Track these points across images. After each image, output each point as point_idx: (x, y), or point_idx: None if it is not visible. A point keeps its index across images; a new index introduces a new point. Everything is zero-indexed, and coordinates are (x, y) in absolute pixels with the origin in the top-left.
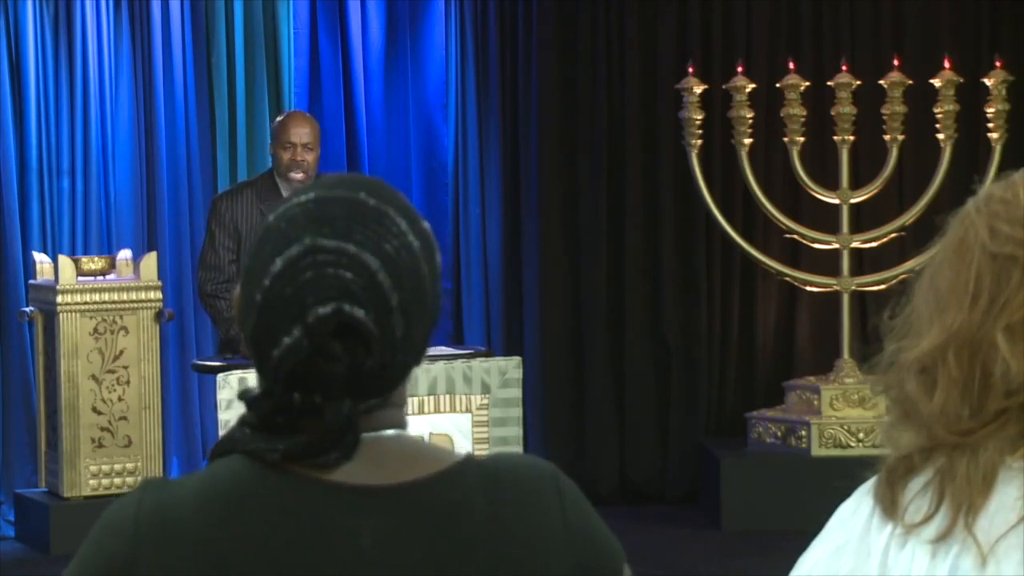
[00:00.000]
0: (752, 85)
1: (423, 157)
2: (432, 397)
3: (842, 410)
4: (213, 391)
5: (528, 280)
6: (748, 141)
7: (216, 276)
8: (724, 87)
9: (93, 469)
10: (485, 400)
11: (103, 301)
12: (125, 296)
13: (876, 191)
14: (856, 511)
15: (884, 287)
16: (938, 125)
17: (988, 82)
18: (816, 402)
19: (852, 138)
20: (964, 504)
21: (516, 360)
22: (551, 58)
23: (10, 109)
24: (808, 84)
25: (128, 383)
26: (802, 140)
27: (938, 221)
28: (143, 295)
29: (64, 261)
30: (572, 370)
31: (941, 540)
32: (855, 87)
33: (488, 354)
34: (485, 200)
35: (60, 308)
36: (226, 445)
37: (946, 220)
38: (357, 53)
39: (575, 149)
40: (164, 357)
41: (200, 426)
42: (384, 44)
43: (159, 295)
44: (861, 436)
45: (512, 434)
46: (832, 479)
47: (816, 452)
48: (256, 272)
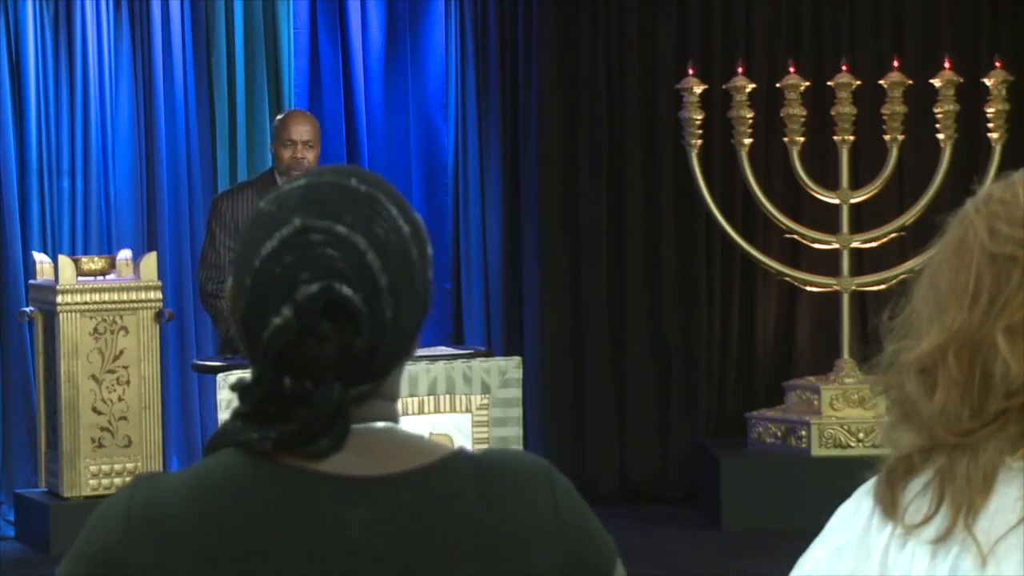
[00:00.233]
0: (752, 85)
1: (423, 157)
2: (432, 397)
3: (842, 410)
4: (213, 391)
5: (528, 280)
6: (748, 141)
7: (217, 276)
8: (724, 87)
9: (93, 469)
10: (485, 400)
11: (103, 301)
12: (125, 296)
13: (876, 191)
14: (856, 512)
15: (884, 287)
16: (938, 125)
17: (988, 82)
18: (816, 402)
19: (852, 138)
20: (964, 505)
21: (516, 360)
22: (551, 58)
23: (10, 109)
24: (808, 84)
25: (128, 383)
26: (802, 140)
27: (938, 221)
28: (143, 295)
29: (64, 261)
30: (572, 370)
31: (941, 540)
32: (855, 87)
33: (488, 354)
34: (485, 200)
35: (60, 308)
36: (220, 438)
37: (946, 220)
38: (357, 53)
39: (575, 149)
40: (164, 357)
41: (200, 426)
42: (384, 44)
43: (159, 295)
44: (861, 436)
45: (512, 434)
46: (832, 479)
47: (816, 452)
48: (246, 256)
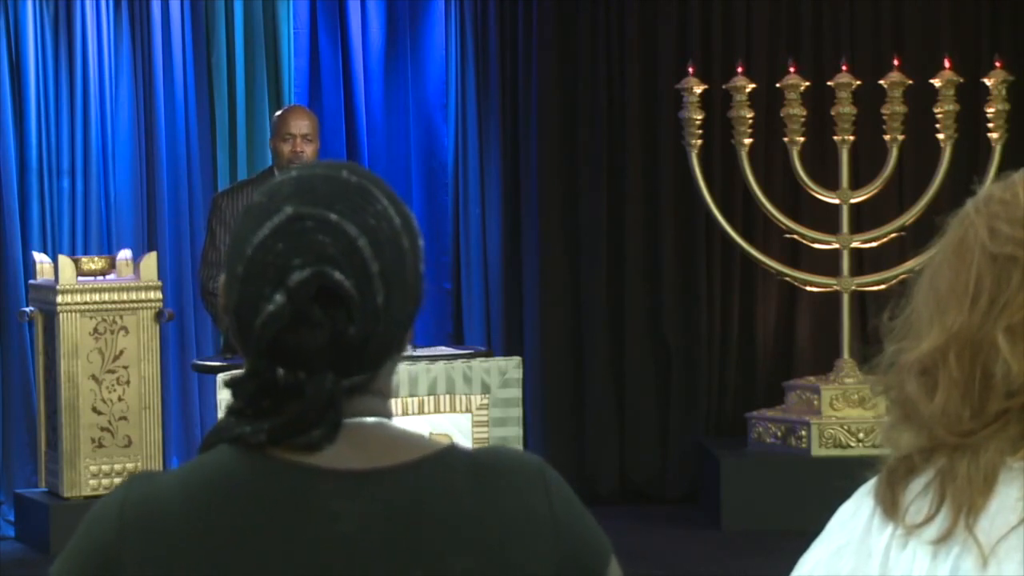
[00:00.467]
0: (752, 85)
1: (423, 157)
2: (432, 397)
3: (842, 410)
4: (213, 391)
5: (528, 280)
6: (748, 141)
7: (217, 274)
8: (724, 87)
9: (93, 469)
10: (485, 400)
11: (103, 301)
12: (125, 296)
13: (876, 191)
14: (857, 512)
15: (884, 287)
16: (938, 125)
17: (988, 82)
18: (816, 402)
19: (852, 138)
20: (965, 505)
21: (516, 360)
22: (551, 58)
23: (10, 109)
24: (808, 84)
25: (128, 383)
26: (802, 140)
27: (938, 221)
28: (143, 295)
29: (64, 261)
30: (572, 370)
31: (942, 541)
32: (855, 87)
33: (488, 354)
34: (485, 200)
35: (60, 308)
36: (214, 435)
37: (946, 220)
38: (357, 53)
39: (575, 149)
40: (164, 357)
41: (200, 426)
42: (384, 44)
43: (159, 295)
44: (861, 436)
45: (512, 434)
46: (832, 479)
47: (816, 452)
48: (239, 246)
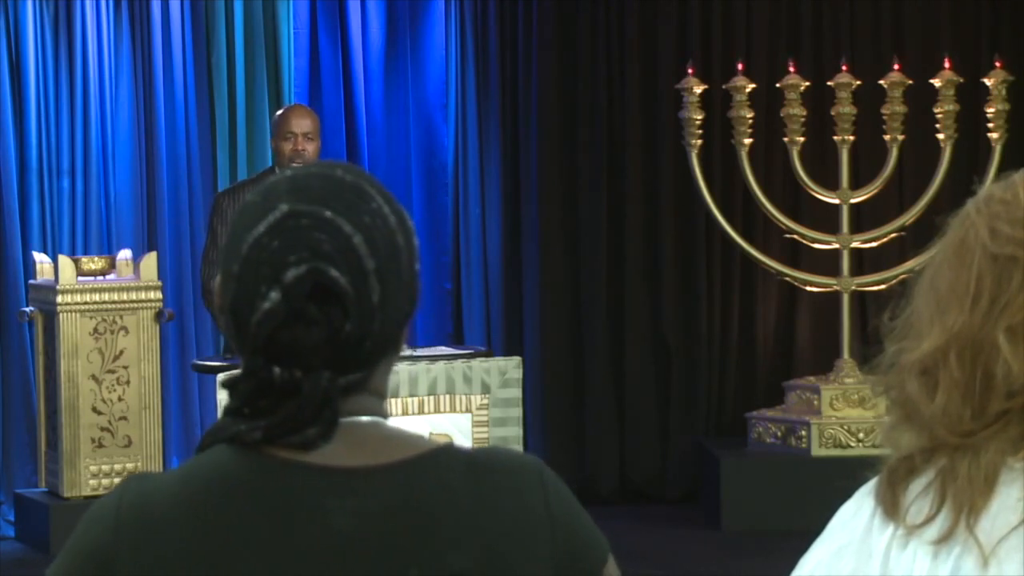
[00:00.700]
0: (752, 85)
1: (423, 157)
2: (432, 397)
3: (842, 410)
4: (213, 391)
5: (528, 280)
6: (748, 141)
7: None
8: (724, 87)
9: (93, 469)
10: (485, 400)
11: (103, 301)
12: (125, 296)
13: (876, 191)
14: (857, 512)
15: (884, 287)
16: (938, 125)
17: (988, 82)
18: (816, 402)
19: (852, 138)
20: (966, 505)
21: (516, 360)
22: (551, 58)
23: (10, 109)
24: (808, 84)
25: (128, 383)
26: (802, 140)
27: (938, 221)
28: (143, 295)
29: (64, 261)
30: (572, 370)
31: (943, 541)
32: (855, 87)
33: (488, 354)
34: (485, 200)
35: (60, 308)
36: (211, 435)
37: (946, 221)
38: (357, 53)
39: (575, 149)
40: (164, 357)
41: (200, 426)
42: (384, 44)
43: (159, 295)
44: (861, 436)
45: (512, 434)
46: (832, 479)
47: (816, 452)
48: (234, 245)
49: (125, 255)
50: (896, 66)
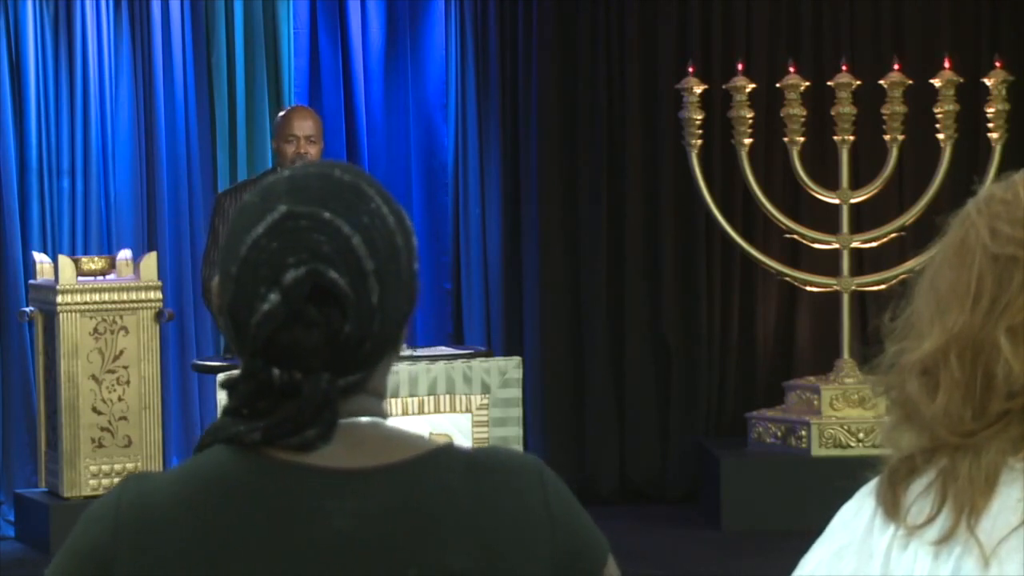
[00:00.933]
0: (752, 85)
1: (423, 157)
2: (432, 397)
3: (842, 410)
4: (213, 391)
5: (528, 280)
6: (748, 141)
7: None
8: (724, 87)
9: (93, 469)
10: (485, 400)
11: (103, 301)
12: (125, 296)
13: (876, 191)
14: (858, 512)
15: (884, 287)
16: (938, 125)
17: (988, 82)
18: (816, 402)
19: (852, 138)
20: (966, 505)
21: (516, 360)
22: (551, 58)
23: (10, 109)
24: (808, 84)
25: (128, 383)
26: (802, 140)
27: (939, 221)
28: (143, 295)
29: (64, 261)
30: (572, 370)
31: (943, 542)
32: (855, 87)
33: (488, 354)
34: (485, 200)
35: (60, 308)
36: (210, 436)
37: (946, 221)
38: (357, 53)
39: (575, 149)
40: (164, 357)
41: (200, 426)
42: (384, 44)
43: (159, 295)
44: (861, 436)
45: (512, 434)
46: (832, 479)
47: (816, 452)
48: (232, 246)
49: (125, 255)
50: (896, 66)
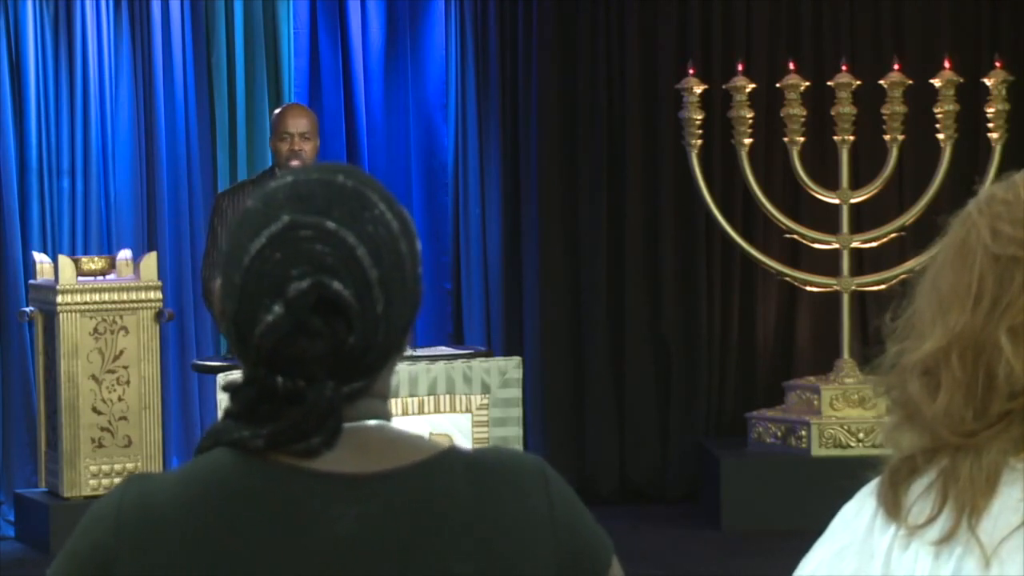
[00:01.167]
0: (752, 85)
1: (423, 157)
2: (432, 397)
3: (842, 410)
4: (213, 391)
5: (528, 280)
6: (748, 141)
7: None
8: (724, 87)
9: (93, 469)
10: (485, 400)
11: (103, 301)
12: (125, 296)
13: (876, 191)
14: (859, 512)
15: (884, 287)
16: (938, 125)
17: (988, 82)
18: (816, 402)
19: (852, 138)
20: (967, 506)
21: (516, 360)
22: (551, 58)
23: (10, 109)
24: (808, 84)
25: (128, 383)
26: (802, 140)
27: (939, 221)
28: (143, 295)
29: (64, 261)
30: (572, 370)
31: (944, 542)
32: (855, 87)
33: (488, 354)
34: (485, 200)
35: (60, 308)
36: (211, 438)
37: (947, 221)
38: (357, 53)
39: (575, 149)
40: (164, 357)
41: (200, 426)
42: (384, 44)
43: (159, 295)
44: (861, 436)
45: (512, 434)
46: (832, 479)
47: (816, 452)
48: (235, 254)
49: (125, 255)
50: (896, 66)
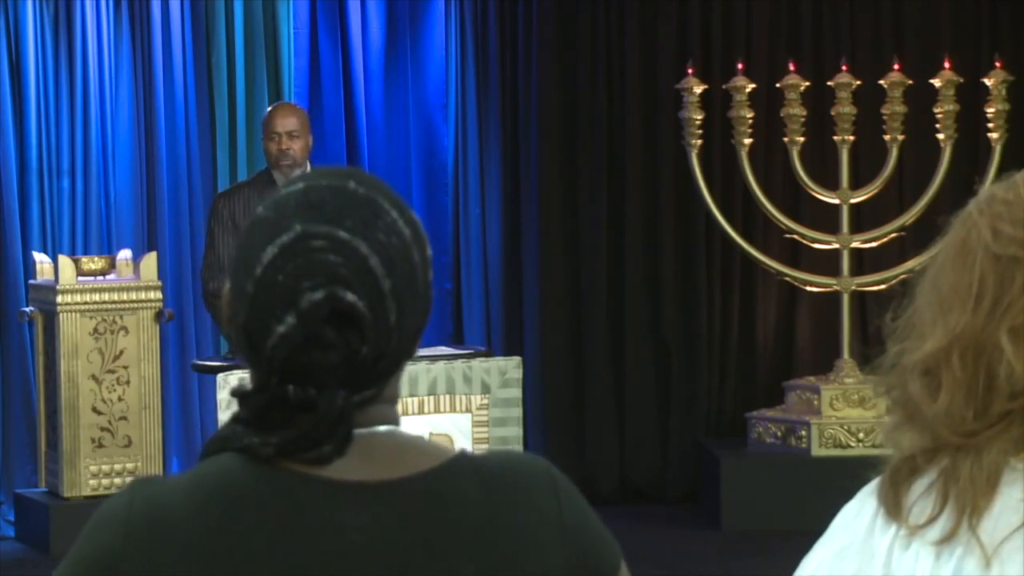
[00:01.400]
0: (752, 85)
1: (423, 157)
2: (432, 397)
3: (842, 410)
4: (213, 391)
5: (528, 280)
6: (748, 141)
7: (217, 274)
8: (724, 87)
9: (93, 469)
10: (485, 400)
11: (103, 301)
12: (125, 296)
13: (876, 191)
14: (860, 512)
15: (884, 287)
16: (938, 125)
17: (988, 82)
18: (816, 402)
19: (852, 138)
20: (968, 506)
21: (516, 360)
22: (551, 58)
23: (10, 109)
24: (808, 84)
25: (128, 383)
26: (802, 140)
27: (940, 221)
28: (143, 295)
29: (64, 261)
30: (572, 370)
31: (945, 542)
32: (855, 87)
33: (488, 354)
34: (485, 200)
35: (60, 308)
36: (218, 443)
37: (947, 221)
38: (357, 53)
39: (575, 149)
40: (164, 357)
41: (200, 426)
42: (384, 44)
43: (159, 295)
44: (861, 436)
45: (512, 434)
46: (832, 479)
47: (816, 452)
48: (246, 262)
49: (125, 255)
50: (896, 66)
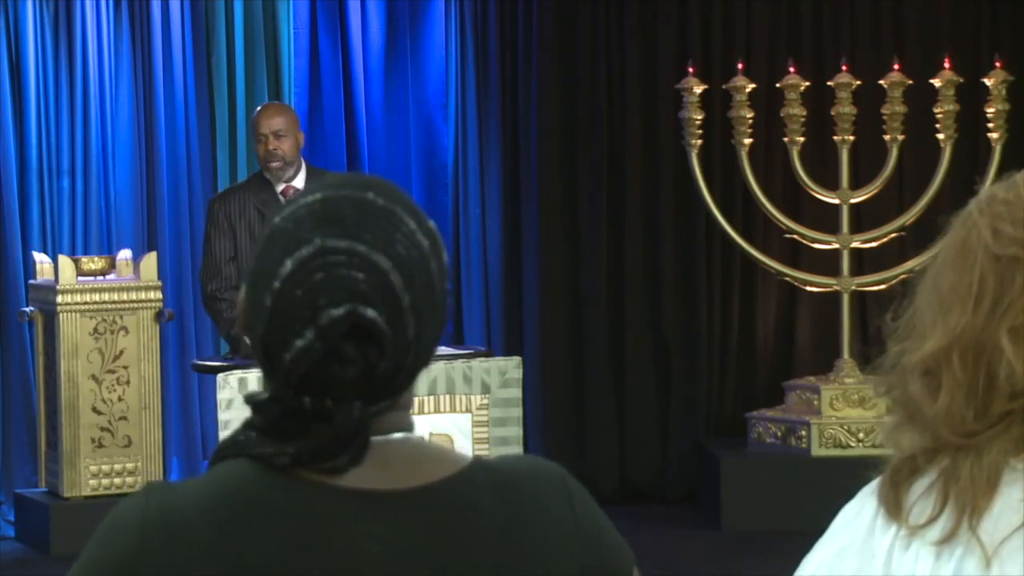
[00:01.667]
0: (752, 85)
1: (423, 157)
2: (432, 397)
3: (842, 410)
4: (213, 391)
5: (528, 280)
6: (748, 141)
7: (214, 276)
8: (724, 87)
9: (93, 469)
10: (485, 400)
11: (103, 301)
12: (125, 296)
13: (876, 191)
14: (860, 512)
15: (884, 287)
16: (938, 125)
17: (988, 82)
18: (816, 402)
19: (852, 138)
20: (968, 506)
21: (516, 360)
22: (551, 58)
23: (10, 109)
24: (808, 84)
25: (128, 383)
26: (802, 140)
27: (940, 222)
28: (143, 295)
29: (64, 261)
30: (572, 370)
31: (945, 542)
32: (855, 87)
33: (488, 354)
34: (485, 200)
35: (60, 308)
36: (231, 448)
37: (947, 221)
38: (357, 53)
39: (575, 149)
40: (164, 357)
41: (200, 426)
42: (384, 44)
43: (159, 295)
44: (861, 436)
45: (512, 434)
46: (832, 479)
47: (816, 452)
48: (264, 274)
49: (125, 255)
50: (896, 66)
